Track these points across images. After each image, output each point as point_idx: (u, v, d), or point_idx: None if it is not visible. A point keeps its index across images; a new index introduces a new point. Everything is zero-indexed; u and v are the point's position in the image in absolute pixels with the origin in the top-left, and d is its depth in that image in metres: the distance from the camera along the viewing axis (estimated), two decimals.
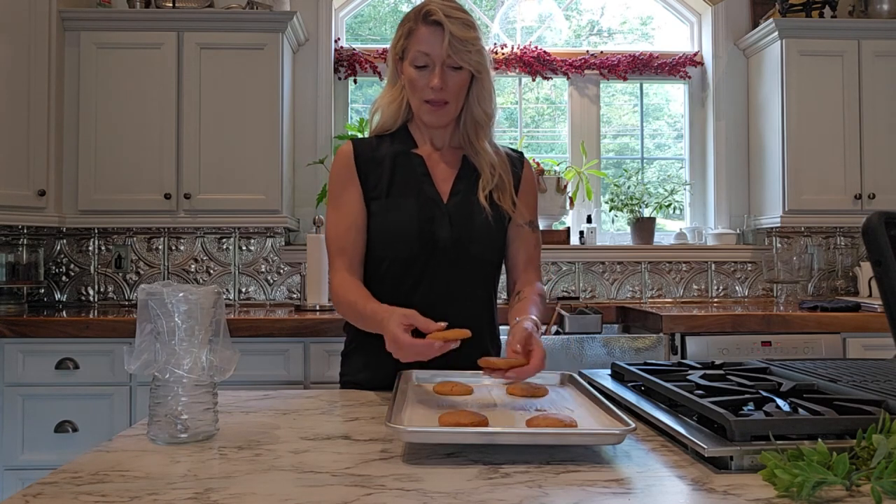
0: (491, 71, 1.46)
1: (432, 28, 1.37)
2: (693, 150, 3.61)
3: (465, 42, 1.37)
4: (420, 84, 1.40)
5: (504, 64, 3.46)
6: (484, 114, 1.46)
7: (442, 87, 1.38)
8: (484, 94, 1.45)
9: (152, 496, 0.78)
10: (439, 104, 1.40)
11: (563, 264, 3.35)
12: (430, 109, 1.41)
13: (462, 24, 1.37)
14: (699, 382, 1.10)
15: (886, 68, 3.14)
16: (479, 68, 1.41)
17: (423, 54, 1.38)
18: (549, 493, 0.78)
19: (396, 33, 1.45)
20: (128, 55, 2.96)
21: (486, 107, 1.46)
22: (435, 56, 1.37)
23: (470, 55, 1.38)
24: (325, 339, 2.56)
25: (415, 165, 1.47)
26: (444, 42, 1.36)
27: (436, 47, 1.37)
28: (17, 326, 2.53)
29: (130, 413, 2.54)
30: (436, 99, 1.40)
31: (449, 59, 1.37)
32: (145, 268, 3.24)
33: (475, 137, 1.47)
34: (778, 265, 3.32)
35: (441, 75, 1.37)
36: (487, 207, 1.45)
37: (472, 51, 1.38)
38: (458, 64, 1.38)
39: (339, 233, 1.45)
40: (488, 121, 1.48)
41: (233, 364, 1.02)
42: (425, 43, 1.38)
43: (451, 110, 1.43)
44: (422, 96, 1.41)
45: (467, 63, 1.38)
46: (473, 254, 1.45)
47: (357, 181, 1.46)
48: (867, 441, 0.80)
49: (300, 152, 3.31)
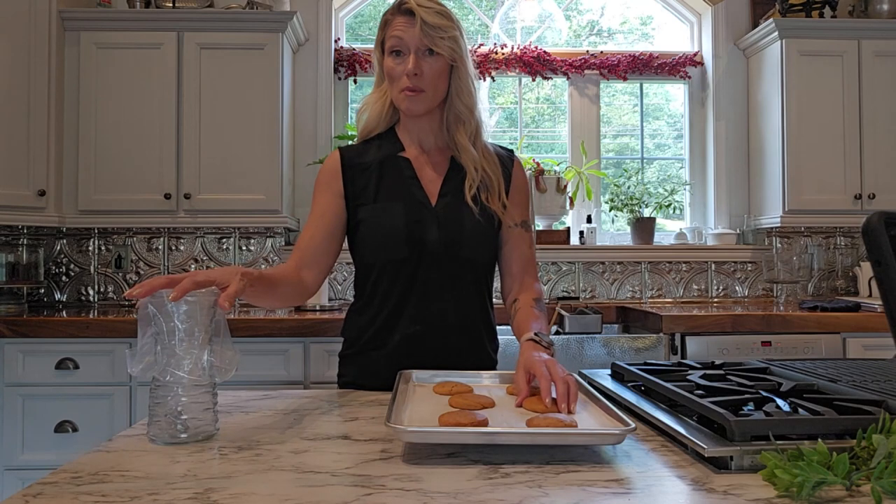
0: (470, 65, 1.46)
1: (406, 17, 1.40)
2: (693, 150, 3.61)
3: (437, 28, 1.39)
4: (397, 72, 1.41)
5: (504, 64, 3.46)
6: (465, 108, 1.46)
7: (416, 72, 1.39)
8: (462, 87, 1.45)
9: (152, 496, 0.78)
10: (415, 91, 1.40)
11: (563, 264, 3.35)
12: (406, 95, 1.41)
13: (434, 13, 1.40)
14: (699, 382, 1.10)
15: (886, 68, 3.14)
16: (455, 56, 1.42)
17: (398, 39, 1.40)
18: (549, 493, 0.78)
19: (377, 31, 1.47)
20: (128, 55, 2.96)
21: (466, 100, 1.45)
22: (409, 40, 1.39)
23: (443, 41, 1.39)
24: (325, 339, 2.56)
25: (402, 168, 1.47)
26: (416, 27, 1.38)
27: (409, 33, 1.39)
28: (17, 326, 2.53)
29: (130, 413, 2.54)
30: (412, 86, 1.40)
31: (422, 43, 1.39)
32: (145, 268, 3.24)
33: (457, 134, 1.47)
34: (778, 265, 3.32)
35: (415, 60, 1.39)
36: (475, 207, 1.44)
37: (446, 37, 1.40)
38: (432, 48, 1.39)
39: (304, 234, 1.47)
40: (469, 115, 1.47)
41: (234, 364, 1.02)
42: (399, 30, 1.40)
43: (429, 98, 1.42)
44: (399, 84, 1.41)
45: (441, 48, 1.39)
46: (464, 256, 1.45)
47: (336, 188, 1.47)
48: (867, 441, 0.80)
49: (300, 152, 3.31)
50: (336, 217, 1.47)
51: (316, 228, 1.46)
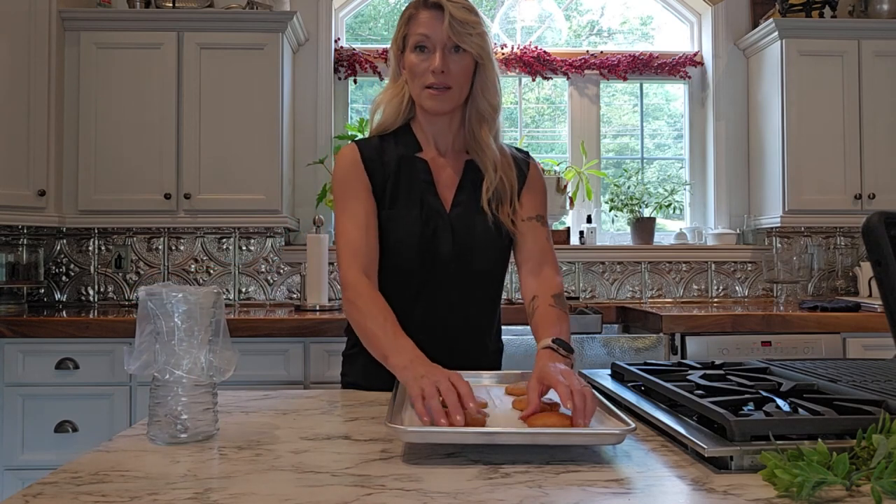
0: (495, 61, 1.42)
1: (433, 11, 1.35)
2: (693, 150, 3.61)
3: (465, 24, 1.34)
4: (421, 68, 1.36)
5: (504, 64, 3.46)
6: (489, 106, 1.41)
7: (443, 69, 1.34)
8: (488, 85, 1.40)
9: (152, 496, 0.78)
10: (441, 88, 1.36)
11: (563, 264, 3.35)
12: (431, 94, 1.36)
13: (462, 8, 1.35)
14: (699, 382, 1.10)
15: (886, 68, 3.14)
16: (482, 53, 1.37)
17: (424, 36, 1.35)
18: (549, 493, 0.78)
19: (397, 26, 1.42)
20: (128, 55, 2.96)
21: (492, 98, 1.41)
22: (435, 38, 1.34)
23: (471, 38, 1.35)
24: (325, 339, 2.56)
25: (419, 171, 1.43)
26: (444, 23, 1.33)
27: (436, 29, 1.34)
28: (17, 326, 2.53)
29: (130, 413, 2.54)
30: (437, 83, 1.35)
31: (450, 40, 1.34)
32: (145, 268, 3.24)
33: (480, 133, 1.42)
34: (778, 265, 3.32)
35: (442, 57, 1.34)
36: (489, 215, 1.41)
37: (474, 34, 1.35)
38: (460, 45, 1.34)
39: (353, 236, 1.37)
40: (494, 114, 1.43)
41: (232, 364, 1.02)
42: (425, 25, 1.35)
43: (455, 96, 1.38)
44: (423, 82, 1.36)
45: (469, 45, 1.35)
46: (475, 268, 1.42)
47: (365, 183, 1.41)
48: (867, 441, 0.80)
49: (300, 152, 3.31)
50: (374, 213, 1.40)
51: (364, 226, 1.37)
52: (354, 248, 1.36)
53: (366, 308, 1.29)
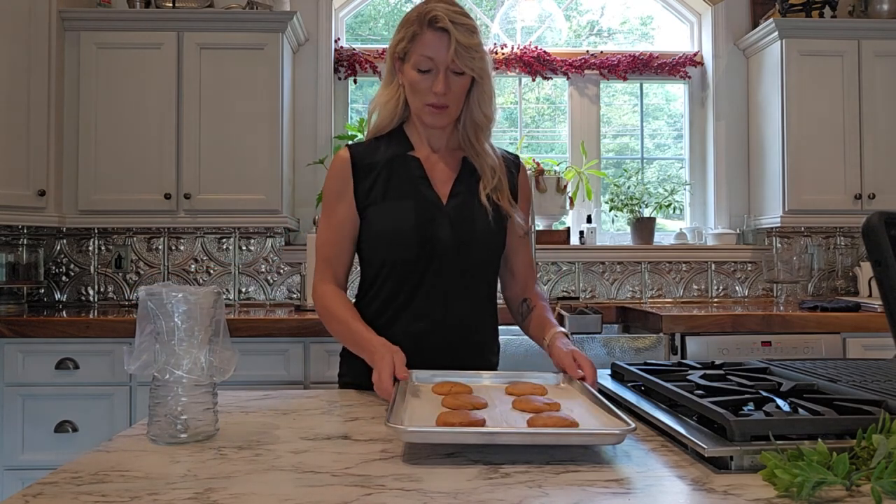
0: (492, 74, 1.47)
1: (438, 34, 1.37)
2: (693, 150, 3.61)
3: (469, 49, 1.37)
4: (422, 87, 1.40)
5: (504, 64, 3.46)
6: (484, 116, 1.47)
7: (445, 92, 1.38)
8: (484, 98, 1.46)
9: (152, 496, 0.78)
10: (441, 108, 1.41)
11: (563, 264, 3.35)
12: (431, 111, 1.42)
13: (467, 31, 1.37)
14: (699, 382, 1.10)
15: (886, 68, 3.14)
16: (482, 74, 1.42)
17: (428, 59, 1.38)
18: (549, 493, 0.78)
19: (397, 34, 1.43)
20: (128, 55, 2.96)
21: (487, 109, 1.47)
22: (439, 62, 1.37)
23: (474, 61, 1.39)
24: (325, 339, 2.56)
25: (412, 168, 1.46)
26: (450, 49, 1.36)
27: (441, 53, 1.37)
28: (17, 326, 2.53)
29: (130, 413, 2.54)
30: (438, 103, 1.40)
31: (453, 64, 1.37)
32: (145, 268, 3.24)
33: (475, 139, 1.48)
34: (778, 265, 3.32)
35: (445, 81, 1.38)
36: (489, 208, 1.45)
37: (476, 57, 1.39)
38: (462, 70, 1.39)
39: (328, 243, 1.48)
40: (488, 123, 1.48)
41: (232, 364, 1.02)
42: (430, 48, 1.37)
43: (452, 112, 1.44)
44: (424, 100, 1.41)
45: (471, 69, 1.39)
46: (475, 257, 1.45)
47: (348, 196, 1.46)
48: (867, 441, 0.80)
49: (300, 152, 3.31)
50: (353, 224, 1.47)
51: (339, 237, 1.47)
52: (326, 257, 1.48)
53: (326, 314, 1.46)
